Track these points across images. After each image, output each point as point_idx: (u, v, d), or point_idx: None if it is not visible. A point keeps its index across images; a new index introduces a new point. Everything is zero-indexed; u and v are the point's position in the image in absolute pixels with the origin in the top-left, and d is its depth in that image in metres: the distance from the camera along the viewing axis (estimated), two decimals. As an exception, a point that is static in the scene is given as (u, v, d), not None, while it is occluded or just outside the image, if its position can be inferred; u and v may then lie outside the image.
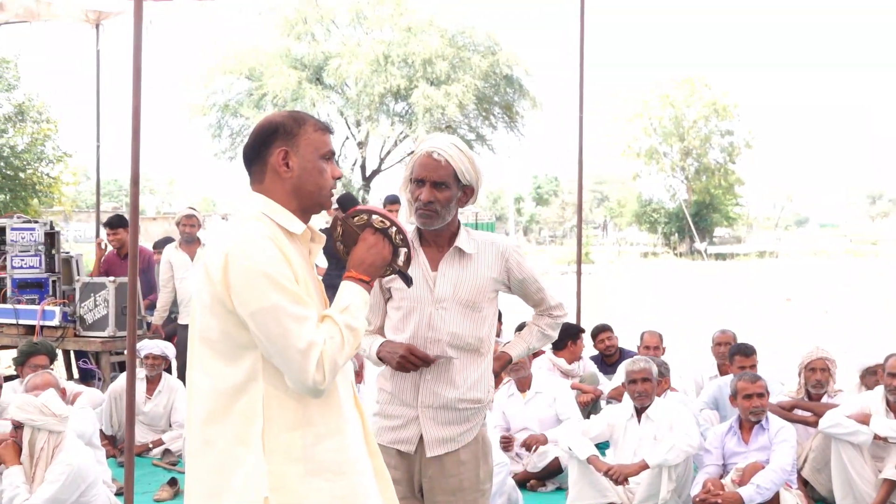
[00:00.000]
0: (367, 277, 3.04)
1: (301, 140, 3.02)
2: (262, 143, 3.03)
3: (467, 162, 3.92)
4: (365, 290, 3.02)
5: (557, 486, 7.56)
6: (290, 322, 2.79)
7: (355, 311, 2.94)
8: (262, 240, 2.86)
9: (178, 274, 10.15)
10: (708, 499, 6.28)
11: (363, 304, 2.99)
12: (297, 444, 2.89)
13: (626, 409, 7.01)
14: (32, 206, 26.94)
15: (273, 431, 2.87)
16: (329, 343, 2.83)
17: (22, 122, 27.35)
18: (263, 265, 2.82)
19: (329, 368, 2.81)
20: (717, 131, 61.80)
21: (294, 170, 3.01)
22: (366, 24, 44.19)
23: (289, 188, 3.02)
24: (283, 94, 41.26)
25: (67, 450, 5.81)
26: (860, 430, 6.57)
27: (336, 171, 3.11)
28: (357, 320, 2.93)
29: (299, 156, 3.02)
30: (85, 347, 9.89)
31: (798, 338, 16.60)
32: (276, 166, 3.01)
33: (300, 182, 3.02)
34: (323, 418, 2.95)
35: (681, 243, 60.19)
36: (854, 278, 34.76)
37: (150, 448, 8.68)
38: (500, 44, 43.28)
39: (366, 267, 3.04)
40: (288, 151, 3.01)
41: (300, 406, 2.90)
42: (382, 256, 3.07)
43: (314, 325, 2.84)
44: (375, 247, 3.07)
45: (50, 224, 10.35)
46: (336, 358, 2.84)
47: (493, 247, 4.07)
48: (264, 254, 2.84)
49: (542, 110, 45.48)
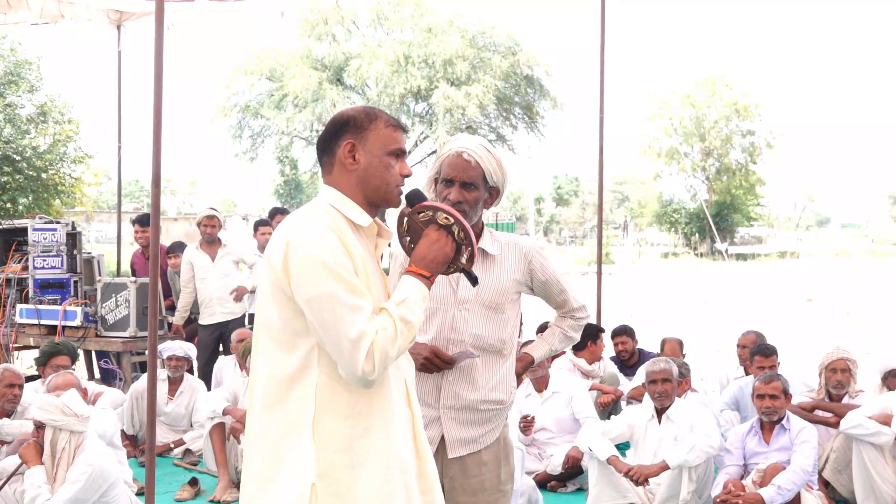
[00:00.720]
0: (428, 273, 3.03)
1: (370, 134, 3.08)
2: (333, 135, 3.11)
3: (496, 163, 3.92)
4: (424, 285, 3.01)
5: (578, 486, 7.54)
6: (344, 311, 2.82)
7: (412, 305, 2.94)
8: (323, 230, 2.91)
9: (199, 274, 10.19)
10: (729, 499, 6.25)
11: (421, 298, 2.99)
12: (346, 434, 2.93)
13: (646, 410, 6.99)
14: (54, 207, 27.02)
15: (324, 420, 2.92)
16: (381, 334, 2.84)
17: (44, 123, 27.43)
18: (322, 254, 2.86)
19: (379, 359, 2.83)
20: (738, 131, 61.55)
21: (360, 163, 3.07)
22: (386, 25, 44.23)
23: (354, 181, 3.07)
24: (303, 94, 41.33)
25: (89, 450, 5.83)
26: (882, 430, 6.53)
27: (405, 169, 3.15)
28: (412, 314, 2.93)
29: (366, 150, 3.07)
30: (106, 348, 9.94)
31: (819, 338, 16.52)
32: (343, 158, 3.07)
33: (365, 175, 3.07)
34: (370, 410, 2.97)
35: (701, 244, 60.00)
36: (876, 279, 34.55)
37: (171, 448, 8.71)
38: (521, 44, 43.26)
39: (427, 262, 3.04)
40: (355, 144, 3.07)
41: (351, 396, 2.94)
42: (444, 253, 3.07)
43: (367, 316, 2.85)
44: (438, 243, 3.07)
45: (72, 224, 10.40)
46: (387, 349, 2.85)
47: (517, 248, 4.06)
48: (324, 243, 2.88)
49: (562, 111, 45.44)
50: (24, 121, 27.08)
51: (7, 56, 26.56)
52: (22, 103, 27.37)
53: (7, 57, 26.54)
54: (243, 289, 10.26)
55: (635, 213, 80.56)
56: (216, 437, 7.62)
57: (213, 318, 10.20)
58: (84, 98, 48.17)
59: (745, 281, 34.38)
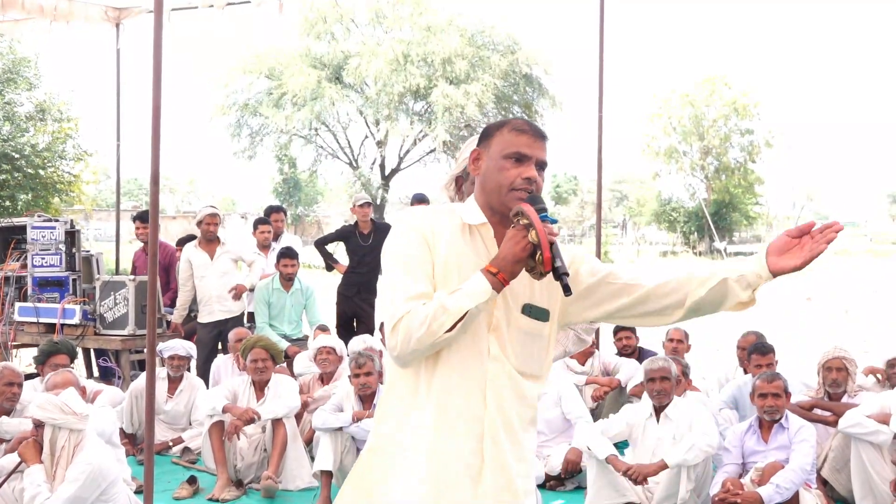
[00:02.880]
0: (495, 269, 2.95)
1: (494, 140, 3.14)
2: (470, 145, 3.29)
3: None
4: (487, 280, 2.93)
5: (576, 485, 7.54)
6: (393, 293, 2.96)
7: (459, 295, 2.91)
8: (407, 229, 3.08)
9: (198, 272, 10.18)
10: (727, 498, 6.26)
11: (478, 291, 2.92)
12: (401, 413, 3.06)
13: (645, 409, 7.00)
14: (53, 205, 27.05)
15: (388, 397, 3.12)
16: (412, 315, 2.89)
17: (42, 120, 27.46)
18: (397, 247, 3.05)
19: (403, 338, 2.89)
20: (737, 130, 61.51)
21: (481, 168, 3.15)
22: (385, 24, 44.26)
23: (478, 185, 3.18)
24: (302, 93, 41.37)
25: (88, 448, 5.82)
26: (880, 429, 6.53)
27: (525, 172, 3.07)
28: (456, 303, 2.89)
29: (488, 155, 3.14)
30: (105, 346, 9.94)
31: (818, 338, 16.52)
32: (470, 166, 3.20)
33: (484, 179, 3.14)
34: (426, 399, 3.03)
35: (700, 242, 59.98)
36: (875, 278, 34.59)
37: (169, 446, 8.71)
38: (520, 43, 43.29)
39: (497, 260, 2.98)
40: (480, 152, 3.16)
41: (411, 380, 3.05)
42: (514, 252, 2.96)
43: (409, 297, 2.93)
44: (510, 241, 2.98)
45: (70, 223, 10.39)
46: (412, 329, 2.88)
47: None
48: (402, 238, 3.06)
49: (561, 109, 45.53)
50: (23, 119, 27.11)
51: (5, 54, 26.58)
52: (20, 101, 27.41)
53: (5, 55, 26.56)
54: (242, 287, 10.25)
55: (634, 212, 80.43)
56: (215, 435, 7.61)
57: (212, 317, 10.19)
58: (83, 96, 48.16)
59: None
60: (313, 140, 47.03)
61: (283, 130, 44.41)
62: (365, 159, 47.96)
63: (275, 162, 61.13)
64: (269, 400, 7.70)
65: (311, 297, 10.63)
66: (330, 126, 46.72)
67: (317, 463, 7.23)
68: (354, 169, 47.74)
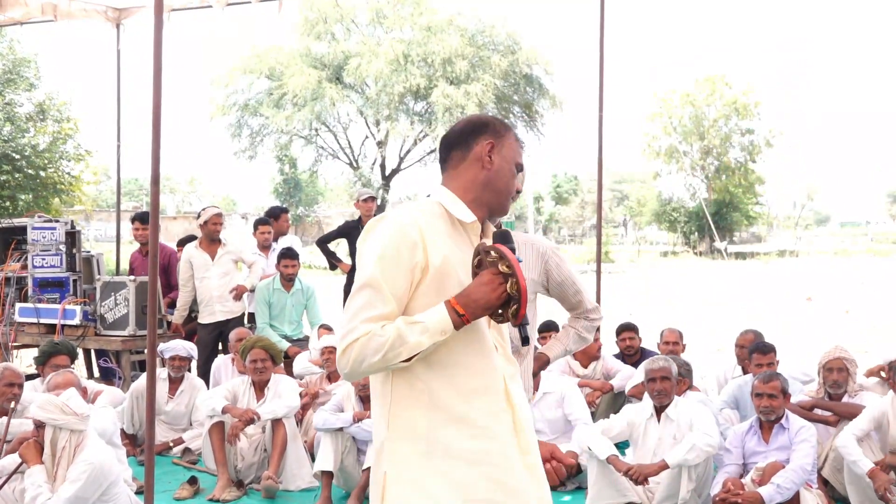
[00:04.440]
0: (462, 311, 2.91)
1: (505, 142, 3.19)
2: (472, 132, 3.19)
3: None
4: (450, 320, 2.89)
5: (577, 485, 7.54)
6: (359, 309, 2.91)
7: (419, 330, 2.86)
8: (396, 230, 2.98)
9: (199, 273, 10.17)
10: (728, 498, 6.25)
11: (438, 330, 2.88)
12: (422, 424, 2.98)
13: (645, 409, 6.99)
14: (53, 206, 27.05)
15: (399, 409, 3.00)
16: (369, 338, 2.85)
17: (43, 121, 27.46)
18: (377, 249, 2.96)
19: (355, 359, 2.86)
20: (738, 130, 61.52)
21: (494, 164, 3.15)
22: (385, 24, 44.26)
23: (482, 179, 3.15)
24: (302, 93, 41.39)
25: (89, 448, 5.82)
26: (859, 461, 6.53)
27: (519, 185, 3.26)
28: (414, 337, 2.85)
29: (501, 155, 3.17)
30: (105, 346, 9.93)
31: (819, 337, 16.52)
32: (481, 155, 3.16)
33: (495, 177, 3.16)
34: (447, 402, 2.99)
35: (701, 242, 60.01)
36: (875, 278, 34.58)
37: (170, 447, 8.71)
38: (520, 43, 43.30)
39: (468, 301, 2.93)
40: (494, 145, 3.16)
41: (426, 387, 2.98)
42: (488, 299, 2.93)
43: (370, 319, 2.88)
44: (487, 286, 2.94)
45: (71, 223, 10.38)
46: (365, 355, 2.85)
47: (533, 248, 4.01)
48: (387, 240, 2.97)
49: (561, 109, 45.56)
50: (23, 119, 27.12)
51: (6, 54, 26.58)
52: (21, 101, 27.42)
53: (6, 55, 26.56)
54: (243, 288, 10.25)
55: (634, 212, 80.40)
56: (215, 435, 7.61)
57: (213, 317, 10.19)
58: (83, 96, 48.28)
59: (744, 280, 34.39)
60: (314, 140, 47.07)
61: (284, 130, 44.42)
62: (365, 159, 48.01)
63: (275, 162, 61.23)
64: (269, 400, 7.69)
65: (311, 297, 10.62)
66: (330, 126, 46.77)
67: (317, 463, 7.22)
68: (355, 169, 47.77)
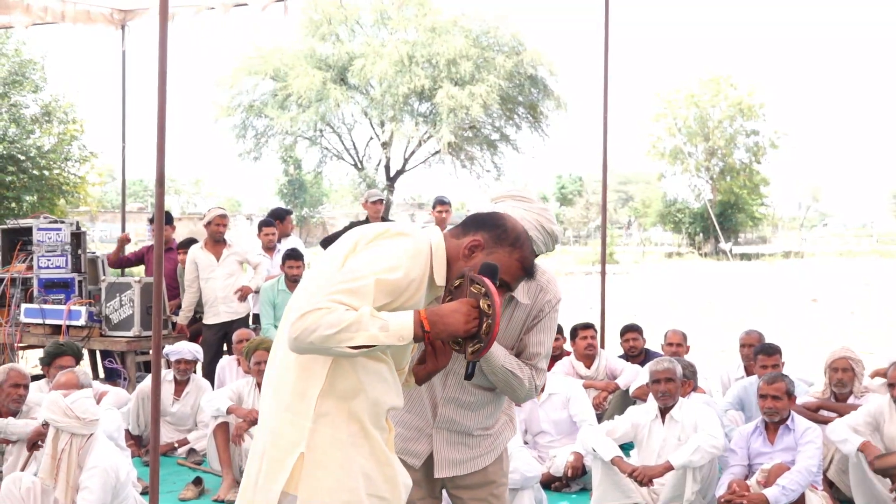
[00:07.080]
0: (429, 327, 2.92)
1: (499, 251, 3.18)
2: (482, 223, 3.23)
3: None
4: (414, 332, 2.88)
5: (581, 487, 7.53)
6: (334, 286, 2.90)
7: (380, 325, 2.83)
8: (412, 256, 3.01)
9: (204, 274, 10.19)
10: (733, 500, 6.25)
11: (396, 336, 2.85)
12: (344, 413, 3.01)
13: (650, 410, 6.99)
14: (59, 207, 27.04)
15: (328, 396, 3.00)
16: (330, 311, 2.81)
17: (48, 122, 27.46)
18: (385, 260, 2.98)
19: (306, 327, 2.80)
20: (743, 131, 61.36)
21: (473, 259, 3.15)
22: (390, 25, 44.23)
23: (452, 259, 3.15)
24: (307, 94, 41.36)
25: (97, 453, 5.76)
26: (848, 438, 6.53)
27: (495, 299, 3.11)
28: (373, 328, 2.81)
29: (485, 254, 3.16)
30: (110, 347, 9.93)
31: (824, 338, 16.50)
32: (463, 246, 3.17)
33: (465, 264, 3.15)
34: (365, 396, 3.03)
35: (705, 243, 59.88)
36: (881, 278, 34.50)
37: (175, 447, 8.72)
38: (525, 43, 43.24)
39: (436, 319, 2.93)
40: (483, 246, 3.17)
41: (360, 379, 3.02)
42: (456, 329, 2.95)
43: (338, 300, 2.85)
44: (459, 315, 2.95)
45: (76, 224, 10.38)
46: (319, 325, 2.79)
47: (543, 294, 3.81)
48: (401, 259, 2.99)
49: (566, 110, 45.47)
50: (29, 121, 27.12)
51: (11, 56, 26.59)
52: (26, 103, 27.42)
53: (11, 57, 26.57)
54: (248, 289, 10.27)
55: (639, 213, 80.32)
56: (220, 436, 7.62)
57: (218, 318, 10.20)
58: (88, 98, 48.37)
59: (749, 281, 34.34)
60: (318, 141, 47.04)
61: (288, 132, 44.39)
62: (370, 160, 47.98)
63: (280, 163, 61.28)
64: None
65: (316, 298, 10.59)
66: (335, 127, 46.74)
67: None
68: (359, 170, 47.75)
